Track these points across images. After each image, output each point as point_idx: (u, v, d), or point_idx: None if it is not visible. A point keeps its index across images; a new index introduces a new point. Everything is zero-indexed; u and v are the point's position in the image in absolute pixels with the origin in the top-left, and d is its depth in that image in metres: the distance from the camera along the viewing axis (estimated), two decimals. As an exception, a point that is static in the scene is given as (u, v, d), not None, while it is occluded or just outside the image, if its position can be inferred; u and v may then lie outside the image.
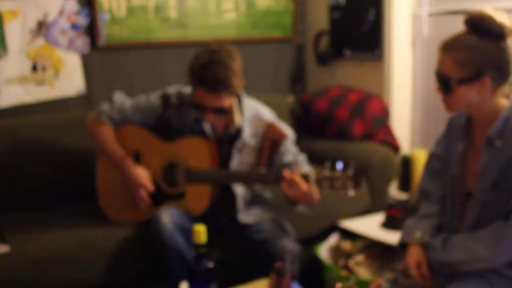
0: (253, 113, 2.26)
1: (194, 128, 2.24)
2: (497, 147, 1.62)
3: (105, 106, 2.32)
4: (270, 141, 2.23)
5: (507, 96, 1.65)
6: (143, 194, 2.22)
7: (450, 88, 1.62)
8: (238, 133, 2.23)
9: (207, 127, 2.23)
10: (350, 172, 2.00)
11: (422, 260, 1.73)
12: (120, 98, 2.34)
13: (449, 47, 1.62)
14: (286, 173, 2.03)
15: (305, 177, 2.01)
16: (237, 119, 2.23)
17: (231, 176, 2.20)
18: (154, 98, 2.30)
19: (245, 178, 2.20)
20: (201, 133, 2.23)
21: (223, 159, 2.24)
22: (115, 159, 2.26)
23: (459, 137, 1.76)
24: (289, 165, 2.20)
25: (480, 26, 1.57)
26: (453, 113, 1.76)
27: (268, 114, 2.30)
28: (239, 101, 2.26)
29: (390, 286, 1.78)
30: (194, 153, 2.20)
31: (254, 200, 2.32)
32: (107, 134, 2.28)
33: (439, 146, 1.87)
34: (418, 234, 1.77)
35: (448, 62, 1.61)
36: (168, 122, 2.28)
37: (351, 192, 2.00)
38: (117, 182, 2.29)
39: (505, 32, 1.56)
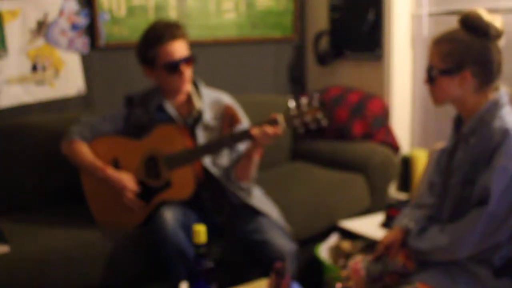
0: (212, 99, 2.35)
1: (161, 117, 2.28)
2: (470, 145, 1.68)
3: (73, 128, 2.35)
4: (228, 121, 2.29)
5: (491, 95, 1.69)
6: (130, 195, 2.23)
7: (433, 78, 1.69)
8: (199, 116, 2.30)
9: (171, 110, 2.28)
10: (315, 103, 2.04)
11: (395, 243, 1.84)
12: (86, 117, 2.39)
13: (437, 40, 1.70)
14: (255, 131, 2.09)
15: (274, 122, 2.07)
16: (197, 102, 2.31)
17: (207, 148, 2.22)
18: (117, 105, 2.37)
19: (220, 144, 2.21)
20: (169, 120, 2.28)
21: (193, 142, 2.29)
22: (95, 172, 2.27)
23: (451, 133, 1.83)
24: (240, 153, 2.29)
25: (468, 23, 1.65)
26: (439, 106, 1.79)
27: (227, 99, 2.39)
28: (197, 88, 2.36)
29: (370, 263, 1.86)
30: (167, 140, 2.23)
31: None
32: (82, 150, 2.30)
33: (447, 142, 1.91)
34: (405, 221, 1.86)
35: (434, 53, 1.70)
36: (136, 121, 2.32)
37: (325, 122, 2.04)
38: (105, 193, 2.29)
39: (490, 31, 1.63)
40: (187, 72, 2.24)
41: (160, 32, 2.22)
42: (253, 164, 2.24)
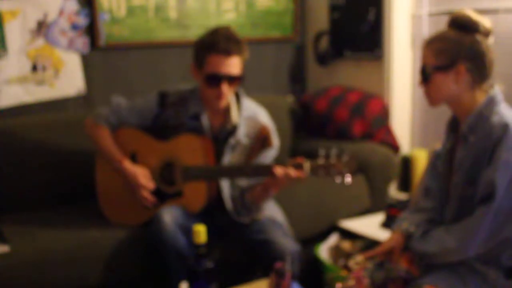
0: (250, 113, 2.29)
1: (192, 124, 2.24)
2: (471, 143, 1.67)
3: (102, 110, 2.33)
4: (260, 142, 2.26)
5: (486, 93, 1.70)
6: (145, 193, 2.22)
7: (427, 76, 1.71)
8: (233, 130, 2.25)
9: (205, 122, 2.24)
10: (344, 158, 2.04)
11: (396, 248, 1.82)
12: (117, 100, 2.35)
13: (429, 41, 1.73)
14: (278, 170, 2.05)
15: (299, 166, 2.05)
16: (234, 116, 2.26)
17: (226, 171, 2.21)
18: (150, 98, 2.31)
19: (240, 172, 2.20)
20: (199, 129, 2.24)
21: (218, 156, 2.25)
22: (113, 162, 2.26)
23: (448, 135, 1.83)
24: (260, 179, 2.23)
25: (457, 21, 1.68)
26: (435, 106, 1.79)
27: (265, 118, 2.32)
28: (238, 99, 2.29)
29: (373, 270, 1.84)
30: (189, 150, 2.21)
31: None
32: (104, 137, 2.28)
33: (442, 145, 1.90)
34: (405, 225, 1.85)
35: (427, 53, 1.72)
36: (165, 121, 2.29)
37: (349, 179, 2.04)
38: (117, 184, 2.28)
39: (479, 28, 1.66)
40: (226, 90, 2.14)
41: (217, 41, 2.11)
42: (268, 197, 2.21)
